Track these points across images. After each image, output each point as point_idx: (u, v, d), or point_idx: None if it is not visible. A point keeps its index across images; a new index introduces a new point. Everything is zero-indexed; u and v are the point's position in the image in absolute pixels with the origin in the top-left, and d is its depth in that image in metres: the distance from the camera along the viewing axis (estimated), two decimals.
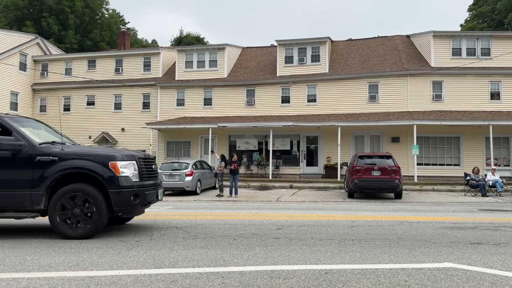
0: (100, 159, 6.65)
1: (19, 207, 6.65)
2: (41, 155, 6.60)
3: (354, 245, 6.08)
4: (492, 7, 45.97)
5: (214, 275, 4.45)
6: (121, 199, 6.63)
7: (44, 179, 6.54)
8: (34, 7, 47.47)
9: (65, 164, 6.57)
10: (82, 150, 7.07)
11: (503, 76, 24.35)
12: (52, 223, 6.63)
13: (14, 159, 6.60)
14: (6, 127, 6.89)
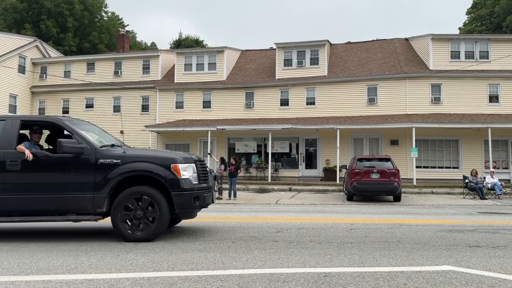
0: (162, 162, 6.65)
1: (81, 209, 6.66)
2: (104, 157, 6.61)
3: (353, 248, 6.07)
4: (491, 10, 46.12)
5: (213, 278, 4.44)
6: (182, 202, 6.64)
7: (107, 181, 6.53)
8: (33, 10, 47.51)
9: (128, 166, 6.56)
10: (143, 153, 7.11)
11: (502, 79, 24.40)
12: (115, 226, 6.62)
13: (77, 162, 6.60)
14: (67, 130, 6.92)
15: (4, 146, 6.70)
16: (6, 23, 47.35)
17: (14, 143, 6.73)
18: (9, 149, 6.66)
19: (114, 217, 6.60)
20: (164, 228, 6.74)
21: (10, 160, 6.60)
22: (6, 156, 6.62)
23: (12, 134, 6.78)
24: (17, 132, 6.84)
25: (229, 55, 29.46)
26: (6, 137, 6.76)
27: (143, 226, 6.58)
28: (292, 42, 27.59)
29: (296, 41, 27.61)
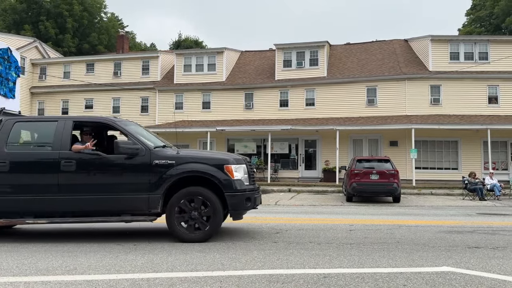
0: (216, 163, 6.67)
1: (136, 210, 6.66)
2: (159, 158, 6.60)
3: (353, 249, 6.07)
4: (490, 11, 46.19)
5: (212, 279, 4.44)
6: (236, 202, 6.65)
7: (162, 182, 6.52)
8: (32, 11, 47.51)
9: (182, 167, 6.56)
10: (196, 154, 7.16)
11: (501, 80, 24.43)
12: (170, 226, 6.60)
13: (131, 163, 6.61)
14: (121, 131, 6.94)
15: (58, 146, 6.69)
16: (6, 24, 47.36)
17: (68, 144, 6.72)
18: (63, 150, 6.66)
19: (169, 218, 6.58)
20: (218, 229, 6.75)
21: (65, 160, 6.59)
22: (60, 156, 6.61)
23: (66, 134, 6.77)
24: (70, 132, 6.84)
25: (228, 56, 29.48)
26: (59, 137, 6.75)
27: (198, 227, 6.58)
28: (291, 43, 27.61)
29: (296, 42, 27.64)
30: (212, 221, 6.56)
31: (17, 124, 6.96)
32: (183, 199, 6.54)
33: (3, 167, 6.58)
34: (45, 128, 7.20)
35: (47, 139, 7.02)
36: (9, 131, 6.82)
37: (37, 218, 6.65)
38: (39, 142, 7.25)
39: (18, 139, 7.03)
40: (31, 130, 7.34)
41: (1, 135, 6.77)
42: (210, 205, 6.53)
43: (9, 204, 6.60)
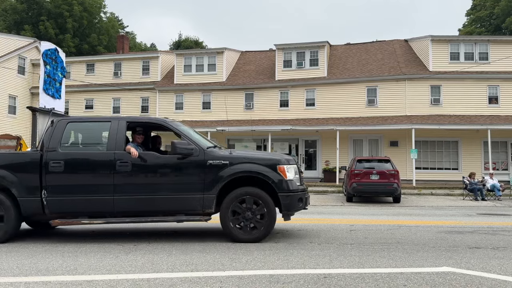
0: (269, 163, 6.67)
1: (190, 210, 6.67)
2: (213, 159, 6.61)
3: (353, 249, 6.07)
4: (490, 11, 46.20)
5: (213, 279, 4.44)
6: (289, 203, 6.65)
7: (216, 182, 6.53)
8: (33, 11, 47.54)
9: (236, 168, 6.57)
10: (249, 154, 7.17)
11: (501, 80, 24.42)
12: (225, 227, 6.59)
13: (186, 163, 6.60)
14: (174, 132, 6.96)
15: (112, 147, 6.69)
16: (6, 24, 47.38)
17: (123, 144, 6.72)
18: (118, 150, 6.66)
19: (224, 218, 6.57)
20: (271, 229, 6.73)
21: (120, 161, 6.59)
22: (116, 157, 6.61)
23: (120, 135, 6.76)
24: (125, 133, 6.83)
25: (228, 56, 29.49)
26: (113, 138, 6.74)
27: (252, 227, 6.58)
28: (291, 43, 27.61)
29: (296, 42, 27.64)
30: (266, 221, 6.55)
31: (70, 125, 6.97)
32: (238, 199, 6.54)
33: (58, 168, 6.57)
34: (99, 129, 7.24)
35: (101, 139, 7.06)
36: (63, 132, 6.82)
37: (91, 218, 6.67)
38: (93, 143, 7.25)
39: (71, 140, 7.03)
40: (84, 130, 7.33)
41: (54, 135, 6.76)
42: (265, 205, 6.51)
43: (64, 205, 6.61)
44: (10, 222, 6.53)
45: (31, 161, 6.66)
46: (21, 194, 6.53)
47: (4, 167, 6.60)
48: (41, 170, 6.57)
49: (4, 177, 6.55)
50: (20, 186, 6.54)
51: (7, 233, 6.56)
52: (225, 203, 6.56)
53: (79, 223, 6.70)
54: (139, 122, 7.42)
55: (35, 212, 6.63)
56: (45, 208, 6.56)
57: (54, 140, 6.72)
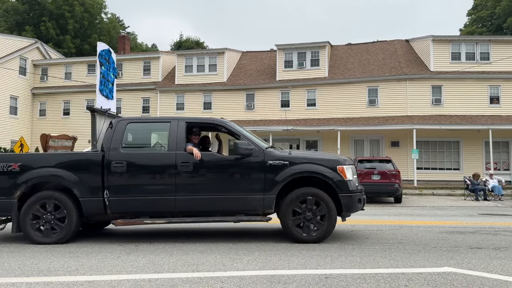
0: (328, 163, 6.66)
1: (251, 210, 6.68)
2: (272, 159, 6.60)
3: (354, 250, 6.07)
4: (491, 11, 46.15)
5: (214, 280, 4.44)
6: (350, 203, 6.64)
7: (276, 183, 6.52)
8: (34, 12, 47.60)
9: (296, 168, 6.56)
10: (308, 154, 7.15)
11: (503, 80, 24.40)
12: (285, 227, 6.59)
13: (246, 163, 6.62)
14: (234, 132, 7.00)
15: (173, 147, 6.71)
16: (8, 25, 47.45)
17: (183, 145, 6.74)
18: (178, 151, 6.67)
19: (284, 218, 6.56)
20: (332, 230, 6.68)
21: (182, 161, 6.60)
22: (177, 157, 6.63)
23: (180, 135, 6.78)
24: (185, 133, 6.85)
25: (229, 56, 29.50)
26: (174, 138, 6.76)
27: (314, 228, 6.56)
28: (292, 44, 27.61)
29: (297, 43, 27.66)
30: (327, 222, 6.52)
31: (130, 125, 7.00)
32: (298, 200, 6.53)
33: (120, 168, 6.60)
34: (158, 129, 7.31)
35: (161, 140, 7.09)
36: (123, 132, 6.84)
37: (153, 218, 6.69)
38: (153, 143, 7.30)
39: (132, 140, 7.07)
40: (143, 131, 7.36)
41: (115, 136, 6.78)
42: (325, 206, 6.49)
43: (126, 205, 6.64)
44: (71, 223, 6.56)
45: (93, 161, 6.69)
46: (83, 194, 6.57)
47: (66, 168, 6.64)
48: (103, 170, 6.60)
49: (66, 178, 6.58)
50: (82, 186, 6.57)
51: (68, 233, 6.59)
52: (285, 203, 6.55)
53: (142, 223, 6.71)
54: (197, 122, 7.44)
55: (97, 212, 6.67)
56: (107, 208, 6.60)
57: (115, 140, 6.75)
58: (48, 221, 6.56)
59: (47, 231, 6.55)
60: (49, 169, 6.66)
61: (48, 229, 6.55)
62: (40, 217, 6.55)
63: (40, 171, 6.63)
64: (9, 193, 6.55)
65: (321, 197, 6.51)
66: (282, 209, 6.58)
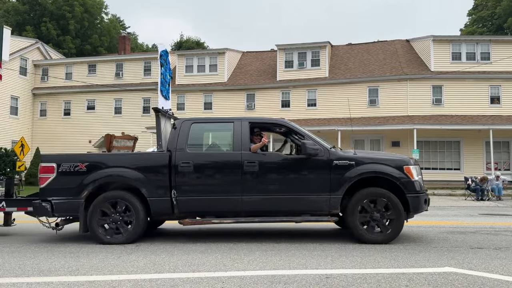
0: (395, 164, 6.64)
1: (317, 210, 6.66)
2: (338, 159, 6.59)
3: (355, 250, 6.06)
4: (492, 11, 46.12)
5: (214, 280, 4.44)
6: (417, 204, 6.59)
7: (343, 183, 6.50)
8: (34, 12, 47.63)
9: (363, 168, 6.55)
10: (373, 154, 7.13)
11: (503, 80, 24.39)
12: (353, 227, 6.55)
13: (312, 163, 6.61)
14: (297, 132, 7.01)
15: (238, 147, 6.73)
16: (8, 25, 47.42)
17: (248, 145, 6.75)
18: (244, 151, 6.69)
19: (351, 219, 6.52)
20: (400, 231, 6.62)
21: (247, 161, 6.61)
22: (243, 157, 6.64)
23: (244, 135, 6.80)
24: (249, 133, 6.86)
25: (230, 56, 29.51)
26: (238, 138, 6.78)
27: (382, 228, 6.54)
28: (293, 44, 27.62)
29: (297, 43, 27.67)
30: (395, 222, 6.49)
31: (194, 125, 7.02)
32: (365, 200, 6.50)
33: (187, 168, 6.63)
34: (221, 129, 7.34)
35: (225, 139, 7.14)
36: (188, 133, 6.87)
37: (219, 218, 6.70)
38: (217, 143, 7.35)
39: (196, 140, 7.07)
40: (207, 131, 7.40)
41: (181, 136, 6.82)
42: (392, 206, 6.45)
43: (193, 204, 6.68)
44: (139, 223, 6.58)
45: (160, 162, 6.71)
46: (151, 194, 6.59)
47: (134, 168, 6.66)
48: (170, 170, 6.62)
49: (133, 178, 6.61)
50: (150, 186, 6.60)
51: (135, 233, 6.61)
52: (352, 203, 6.52)
53: (209, 223, 6.71)
54: (260, 122, 7.46)
55: (165, 212, 6.70)
56: (174, 208, 6.63)
57: (180, 141, 6.79)
58: (116, 221, 6.59)
59: (115, 231, 6.59)
60: (116, 169, 6.70)
61: (115, 229, 6.59)
62: (108, 217, 6.59)
63: (107, 171, 6.66)
64: (76, 193, 6.58)
65: (389, 198, 6.47)
66: (348, 209, 6.53)
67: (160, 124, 7.46)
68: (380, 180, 6.61)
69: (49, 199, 6.61)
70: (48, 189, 6.65)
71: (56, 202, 6.60)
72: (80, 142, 29.04)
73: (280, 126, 7.40)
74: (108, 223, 6.61)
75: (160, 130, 7.41)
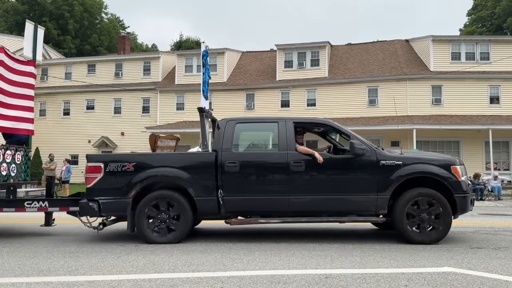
0: (443, 164, 6.63)
1: (364, 211, 6.65)
2: (385, 159, 6.59)
3: (354, 250, 6.07)
4: (491, 11, 46.14)
5: (214, 280, 4.44)
6: (463, 204, 6.59)
7: (390, 183, 6.48)
8: (34, 12, 47.61)
9: (410, 168, 6.53)
10: (419, 155, 7.12)
11: (503, 80, 24.39)
12: (400, 228, 6.53)
13: (359, 163, 6.60)
14: (342, 132, 7.04)
15: (284, 147, 6.73)
16: (7, 25, 47.45)
17: (294, 145, 6.75)
18: (290, 151, 6.68)
19: (398, 219, 6.49)
20: (448, 231, 6.61)
21: (294, 161, 6.61)
22: (289, 157, 6.64)
23: (290, 135, 6.80)
24: (294, 133, 6.86)
25: (229, 56, 29.50)
26: (284, 138, 6.79)
27: (430, 228, 6.52)
28: (292, 44, 27.61)
29: (297, 43, 27.66)
30: (443, 223, 6.47)
31: (238, 125, 7.03)
32: (413, 200, 6.49)
33: (234, 168, 6.63)
34: (265, 129, 7.33)
35: (269, 139, 7.14)
36: (233, 132, 6.89)
37: (266, 218, 6.69)
38: (262, 143, 7.36)
39: (241, 140, 7.10)
40: (251, 131, 7.42)
41: (226, 136, 6.85)
42: (441, 207, 6.45)
43: (240, 204, 6.69)
44: (187, 222, 6.60)
45: (207, 161, 6.74)
46: (198, 193, 6.61)
47: (181, 168, 6.68)
48: (217, 170, 6.64)
49: (181, 177, 6.62)
50: (197, 186, 6.62)
51: (183, 232, 6.62)
52: (401, 203, 6.49)
53: (256, 223, 6.71)
54: (304, 122, 7.47)
55: (211, 211, 6.71)
56: (221, 207, 6.65)
57: (226, 141, 6.82)
58: (164, 221, 6.61)
59: (163, 231, 6.60)
60: (164, 168, 6.72)
61: (163, 228, 6.60)
62: (155, 217, 6.61)
63: (154, 171, 6.68)
64: (124, 193, 6.60)
65: (438, 198, 6.46)
66: (396, 209, 6.51)
67: (204, 124, 7.49)
68: (426, 180, 6.60)
69: (96, 199, 6.64)
70: (95, 189, 6.66)
71: (104, 202, 6.62)
72: (80, 142, 29.05)
73: (325, 126, 7.41)
74: (155, 222, 6.62)
75: (204, 130, 7.44)
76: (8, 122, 8.15)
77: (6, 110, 8.08)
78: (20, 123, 8.41)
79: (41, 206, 7.05)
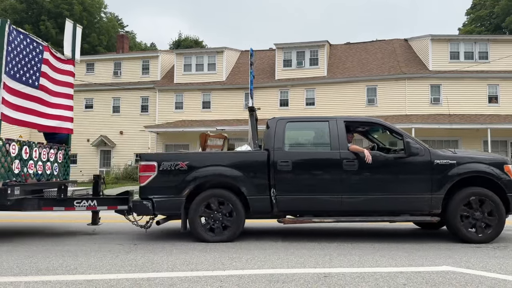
0: (495, 163, 6.63)
1: (417, 210, 6.62)
2: (439, 158, 6.57)
3: (353, 249, 6.07)
4: (490, 11, 46.18)
5: (213, 279, 4.44)
6: None
7: (445, 183, 6.47)
8: (32, 11, 47.51)
9: (464, 167, 6.52)
10: (472, 154, 7.09)
11: (501, 79, 24.42)
12: (454, 227, 6.50)
13: (412, 163, 6.58)
14: (394, 131, 7.01)
15: (336, 146, 6.73)
16: None
17: (346, 144, 6.74)
18: (342, 150, 6.69)
19: (452, 218, 6.48)
20: (502, 230, 6.58)
21: (347, 160, 6.61)
22: (341, 156, 6.65)
23: (341, 134, 6.80)
24: (345, 132, 6.86)
25: (228, 55, 29.48)
26: (335, 137, 6.79)
27: (484, 228, 6.48)
28: (291, 43, 27.60)
29: (296, 42, 27.64)
30: (497, 222, 6.44)
31: (289, 124, 7.04)
32: (467, 200, 6.47)
33: (286, 167, 6.63)
34: (316, 128, 7.31)
35: (321, 138, 7.13)
36: (284, 131, 6.89)
37: (319, 217, 6.69)
38: (314, 142, 7.34)
39: (292, 139, 7.10)
40: (302, 130, 7.43)
41: (277, 135, 6.85)
42: (495, 206, 6.42)
43: (292, 203, 6.68)
44: (240, 221, 6.62)
45: (260, 160, 6.75)
46: (251, 192, 6.62)
47: (234, 167, 6.69)
48: (269, 169, 6.65)
49: (234, 176, 6.64)
50: (250, 184, 6.63)
51: (237, 231, 6.63)
52: (454, 203, 6.48)
53: (310, 222, 6.70)
54: (356, 121, 7.45)
55: (264, 210, 6.71)
56: (273, 206, 6.65)
57: (278, 140, 6.82)
58: (217, 219, 6.61)
59: (217, 230, 6.61)
60: (217, 167, 6.72)
61: (218, 227, 6.61)
62: (209, 215, 6.63)
63: (208, 170, 6.69)
64: (177, 191, 6.61)
65: (492, 198, 6.46)
66: (450, 209, 6.50)
67: (254, 123, 7.48)
68: (477, 179, 6.60)
69: (150, 197, 6.65)
70: (149, 188, 6.68)
71: (158, 200, 6.63)
72: (78, 141, 28.95)
73: (377, 125, 7.40)
74: (209, 221, 6.64)
75: (255, 129, 7.44)
76: (52, 121, 8.16)
77: (50, 109, 8.09)
78: (62, 122, 8.43)
79: (90, 205, 7.04)
